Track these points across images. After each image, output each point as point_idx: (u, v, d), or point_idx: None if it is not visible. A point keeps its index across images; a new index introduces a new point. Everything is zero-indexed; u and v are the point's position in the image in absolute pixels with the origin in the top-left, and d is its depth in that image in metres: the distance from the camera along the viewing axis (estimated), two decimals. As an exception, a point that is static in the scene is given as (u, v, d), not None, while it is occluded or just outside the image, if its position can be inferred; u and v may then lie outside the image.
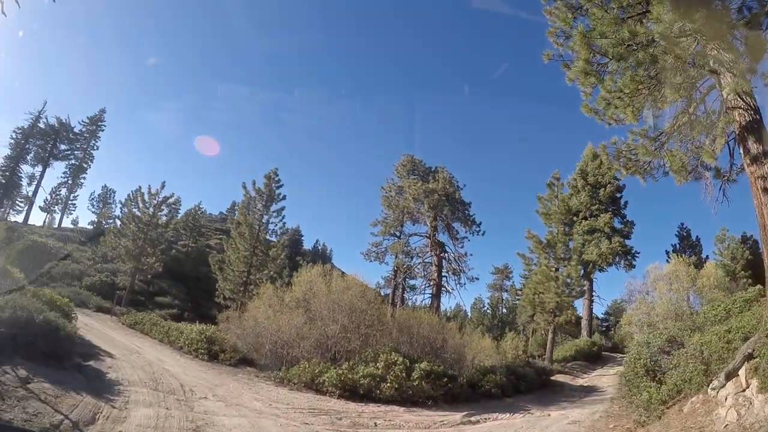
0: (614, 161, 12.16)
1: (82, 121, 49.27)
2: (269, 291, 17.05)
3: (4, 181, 43.90)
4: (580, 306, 36.63)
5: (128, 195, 27.67)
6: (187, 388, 9.64)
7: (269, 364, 14.74)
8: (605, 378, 22.29)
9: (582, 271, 28.38)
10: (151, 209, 27.33)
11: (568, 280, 26.82)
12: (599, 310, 47.68)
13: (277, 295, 16.82)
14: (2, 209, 46.43)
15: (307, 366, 13.02)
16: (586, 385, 20.49)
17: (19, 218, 45.67)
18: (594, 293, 38.26)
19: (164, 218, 28.12)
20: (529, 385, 17.50)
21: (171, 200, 28.12)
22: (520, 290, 43.96)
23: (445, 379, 13.66)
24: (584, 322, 37.49)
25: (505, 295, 49.87)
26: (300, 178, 60.54)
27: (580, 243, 28.18)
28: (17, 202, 47.24)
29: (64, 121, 47.98)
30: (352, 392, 12.29)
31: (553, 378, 21.07)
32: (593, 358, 30.08)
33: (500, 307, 50.86)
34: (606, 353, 33.86)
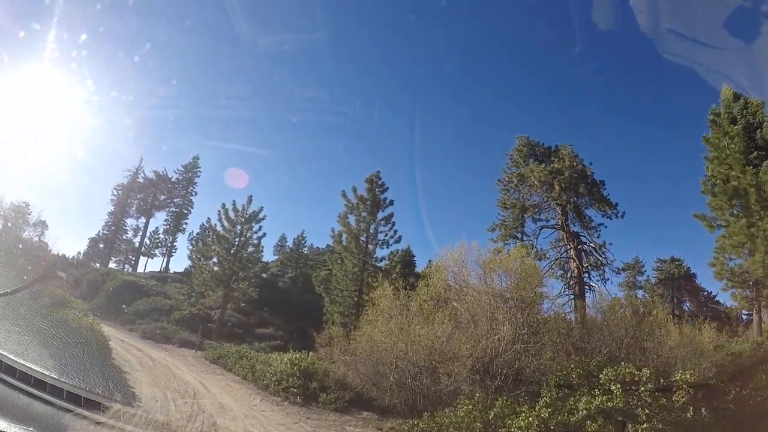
0: None
1: (178, 170, 50.12)
2: (388, 294, 11.54)
3: (110, 235, 45.18)
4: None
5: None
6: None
7: (397, 405, 9.14)
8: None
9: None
10: (239, 227, 23.86)
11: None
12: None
13: (400, 301, 11.30)
14: (117, 266, 47.84)
15: (469, 407, 7.05)
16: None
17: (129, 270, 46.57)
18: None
19: (255, 237, 24.49)
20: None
21: (260, 215, 24.48)
22: (656, 284, 38.42)
23: (731, 396, 7.15)
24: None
25: (639, 293, 41.22)
26: (407, 195, 54.77)
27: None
28: (130, 257, 48.65)
29: (161, 173, 49.31)
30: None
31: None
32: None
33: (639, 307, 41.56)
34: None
